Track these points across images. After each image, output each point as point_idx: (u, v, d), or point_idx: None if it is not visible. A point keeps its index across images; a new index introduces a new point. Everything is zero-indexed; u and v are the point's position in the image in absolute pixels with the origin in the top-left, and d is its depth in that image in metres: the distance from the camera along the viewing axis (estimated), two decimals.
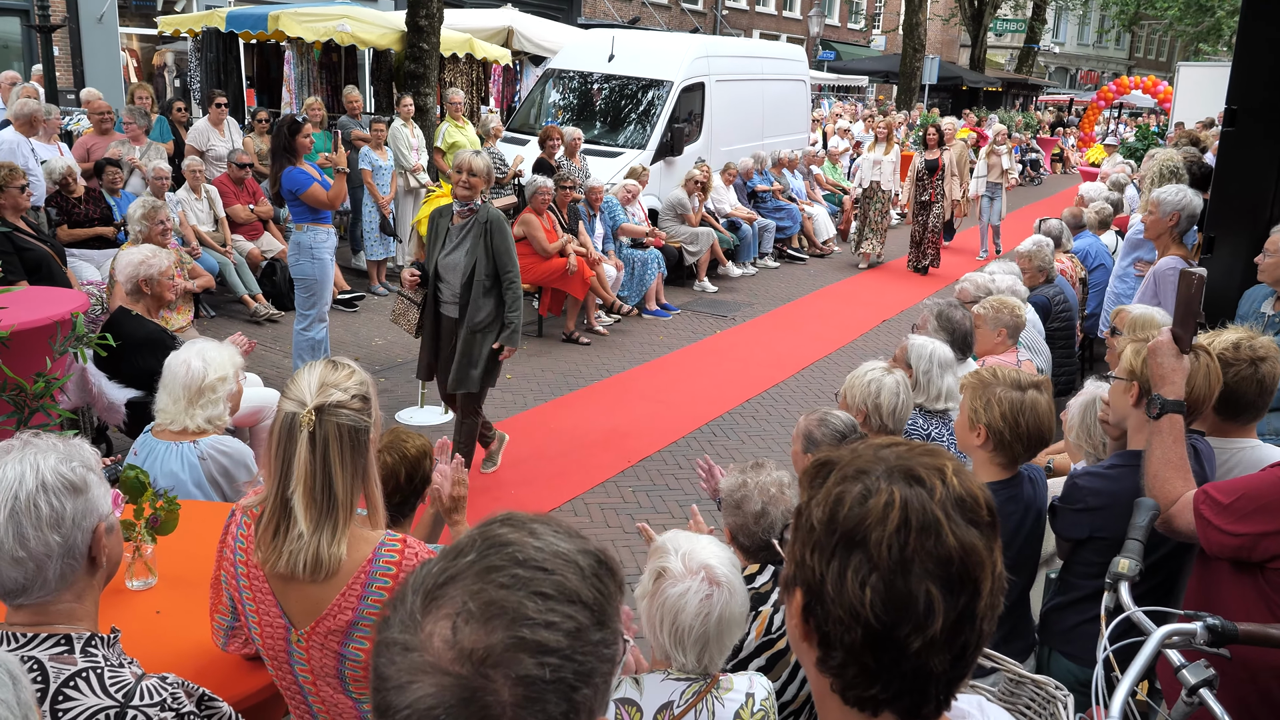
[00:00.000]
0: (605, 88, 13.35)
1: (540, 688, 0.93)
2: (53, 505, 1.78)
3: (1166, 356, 2.63)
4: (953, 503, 1.12)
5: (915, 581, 1.09)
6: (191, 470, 3.43)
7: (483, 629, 0.93)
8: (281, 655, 2.20)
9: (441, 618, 0.94)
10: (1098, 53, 58.49)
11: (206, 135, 10.60)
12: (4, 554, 1.76)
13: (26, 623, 1.83)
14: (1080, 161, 25.46)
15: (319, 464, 2.05)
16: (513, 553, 0.99)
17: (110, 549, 1.92)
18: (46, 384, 3.99)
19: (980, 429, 3.01)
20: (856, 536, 1.12)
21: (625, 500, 6.22)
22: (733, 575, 2.42)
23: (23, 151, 8.22)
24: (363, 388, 2.13)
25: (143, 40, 19.20)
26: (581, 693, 0.96)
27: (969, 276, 5.80)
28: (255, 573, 2.17)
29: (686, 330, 10.25)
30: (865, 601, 1.10)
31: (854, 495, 1.14)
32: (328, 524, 2.07)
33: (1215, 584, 2.54)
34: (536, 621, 0.94)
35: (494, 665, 0.92)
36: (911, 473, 1.15)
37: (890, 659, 1.12)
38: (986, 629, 1.14)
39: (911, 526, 1.10)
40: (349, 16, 12.29)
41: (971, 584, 1.11)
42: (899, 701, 1.15)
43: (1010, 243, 13.50)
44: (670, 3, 33.02)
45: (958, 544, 1.10)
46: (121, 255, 5.26)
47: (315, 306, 7.03)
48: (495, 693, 0.91)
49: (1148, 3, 34.69)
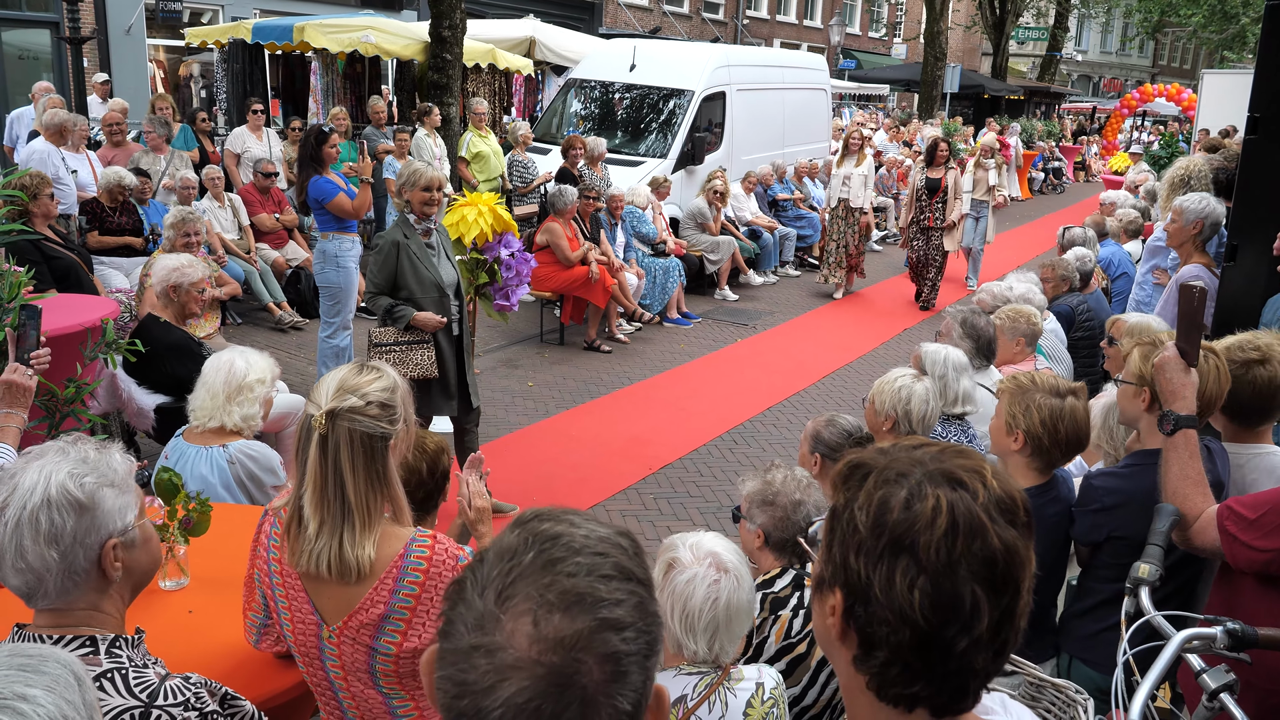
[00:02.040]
0: (627, 97, 13.41)
1: (625, 662, 0.97)
2: (53, 521, 1.79)
3: (1175, 372, 2.62)
4: (995, 505, 1.15)
5: (962, 583, 1.12)
6: (220, 474, 3.49)
7: (566, 617, 0.96)
8: (313, 651, 2.23)
9: (521, 614, 0.96)
10: (1121, 60, 58.16)
11: (243, 140, 10.74)
12: (6, 561, 1.80)
13: (49, 625, 1.86)
14: (1103, 170, 25.32)
15: (330, 468, 2.06)
16: (566, 543, 1.02)
17: (132, 561, 1.92)
18: (77, 389, 4.06)
19: (1018, 434, 3.01)
20: (905, 541, 1.14)
21: (646, 508, 6.24)
22: (739, 565, 2.48)
23: (54, 161, 8.34)
24: (385, 394, 2.11)
25: (169, 51, 19.42)
26: (653, 660, 1.01)
27: (986, 286, 5.81)
28: (288, 570, 2.20)
29: (707, 338, 10.27)
30: (914, 604, 1.12)
31: (899, 500, 1.16)
32: (345, 527, 2.07)
33: (1238, 595, 2.53)
34: (610, 601, 0.98)
35: (583, 648, 0.95)
36: (953, 476, 1.17)
37: (936, 659, 1.14)
38: (1023, 624, 1.17)
39: (959, 530, 1.13)
40: (373, 27, 12.40)
41: (1014, 584, 1.14)
42: (937, 698, 1.18)
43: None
44: (691, 12, 33.10)
45: (1002, 545, 1.14)
46: (159, 259, 5.31)
47: (340, 314, 7.10)
48: (588, 674, 0.95)
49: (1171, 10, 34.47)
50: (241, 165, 10.57)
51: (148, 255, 7.68)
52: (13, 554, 1.78)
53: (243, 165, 10.56)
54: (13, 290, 4.05)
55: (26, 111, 10.99)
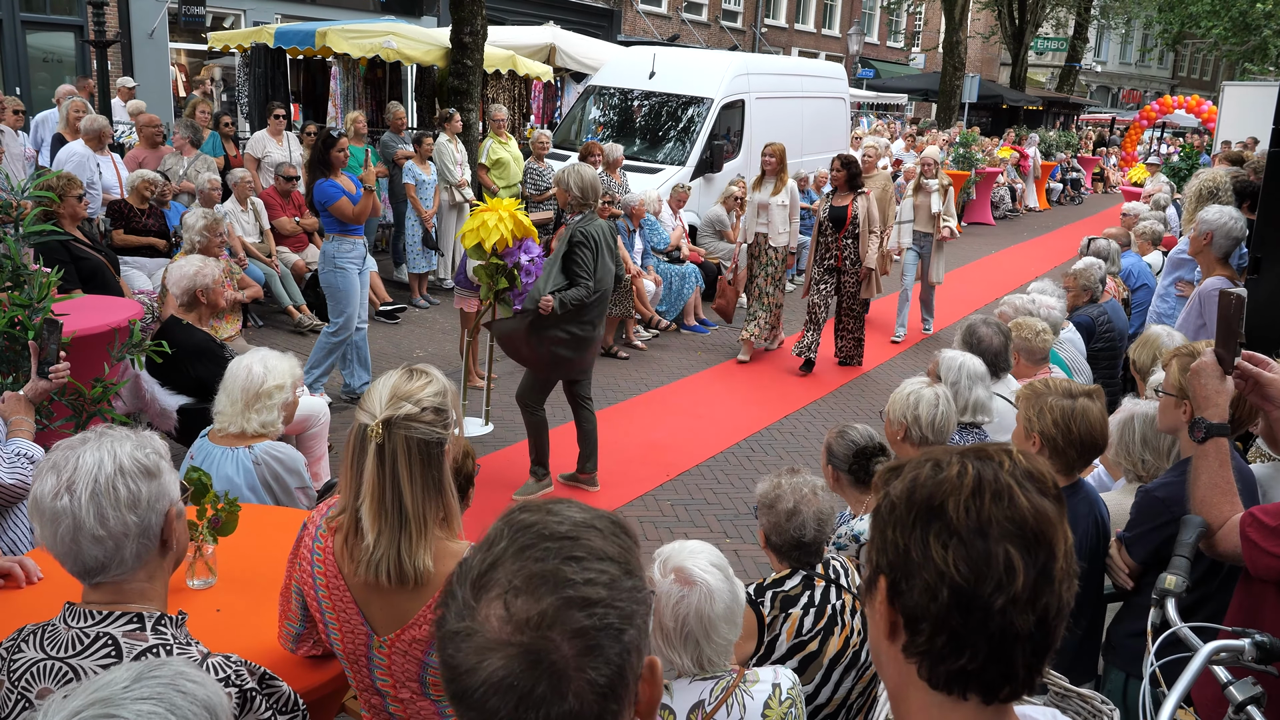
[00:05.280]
0: (646, 105, 13.45)
1: (594, 635, 1.04)
2: (130, 488, 1.88)
3: (1210, 379, 2.59)
4: (1022, 473, 1.20)
5: (994, 543, 1.16)
6: (246, 474, 3.51)
7: (532, 598, 1.03)
8: (362, 660, 2.23)
9: (493, 599, 1.04)
10: (1140, 72, 57.97)
11: (264, 144, 10.82)
12: (85, 533, 1.85)
13: (103, 601, 1.91)
14: (1122, 181, 25.22)
15: (387, 477, 2.05)
16: (539, 530, 1.09)
17: (179, 533, 2.01)
18: (104, 389, 4.11)
19: (1035, 437, 3.10)
20: (934, 503, 1.19)
21: (664, 514, 6.25)
22: (710, 575, 2.47)
23: (90, 166, 8.45)
24: (438, 399, 2.10)
25: (191, 55, 19.57)
26: (628, 634, 1.07)
27: (1008, 299, 5.74)
28: (335, 582, 2.19)
29: (725, 345, 10.27)
30: (950, 562, 1.16)
31: (927, 470, 1.23)
32: (402, 536, 2.07)
33: (1259, 604, 2.52)
34: (576, 581, 1.05)
35: (550, 626, 1.02)
36: (981, 452, 1.23)
37: (977, 620, 1.16)
38: (1066, 595, 1.19)
39: (985, 491, 1.18)
40: (394, 33, 12.47)
41: (1047, 544, 1.17)
42: (986, 674, 1.19)
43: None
44: (709, 20, 33.14)
45: (1030, 506, 1.18)
46: (174, 267, 5.40)
47: (343, 314, 7.26)
48: (558, 649, 1.02)
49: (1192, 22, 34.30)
50: (262, 169, 10.64)
51: (170, 258, 7.75)
52: (93, 523, 1.85)
53: (263, 169, 10.63)
54: (42, 290, 4.09)
55: (51, 115, 11.11)
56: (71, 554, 1.88)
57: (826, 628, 2.92)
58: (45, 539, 1.90)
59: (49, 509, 1.86)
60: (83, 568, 1.90)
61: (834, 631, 2.94)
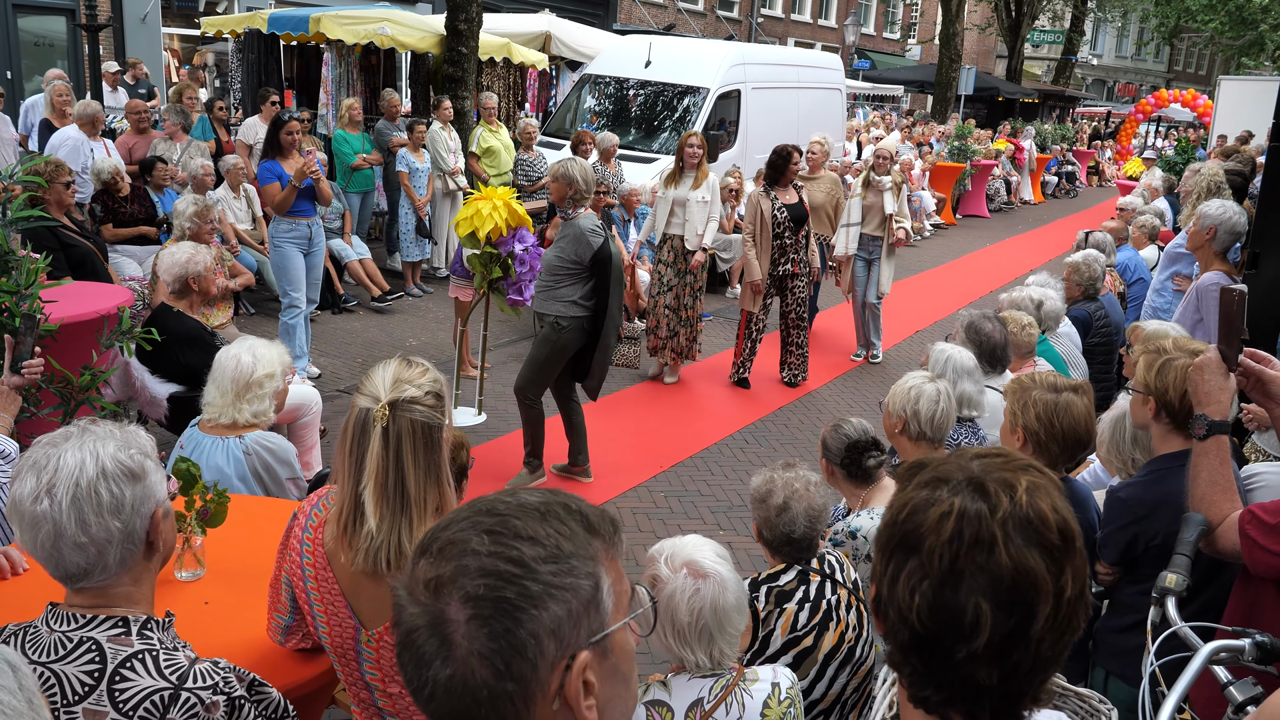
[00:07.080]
0: (641, 94, 13.40)
1: (484, 605, 1.04)
2: (113, 492, 1.81)
3: (1214, 375, 2.55)
4: (1015, 522, 1.12)
5: (965, 594, 1.10)
6: (236, 465, 3.48)
7: (436, 563, 1.08)
8: (350, 654, 2.21)
9: (414, 564, 1.11)
10: (1136, 65, 57.95)
11: (256, 130, 10.74)
12: (67, 539, 1.79)
13: (86, 604, 1.86)
14: (1117, 174, 25.23)
15: (392, 460, 2.05)
16: (483, 507, 1.12)
17: (166, 534, 1.95)
18: (93, 377, 4.06)
19: (1019, 431, 3.07)
20: (911, 541, 1.15)
21: (657, 505, 6.23)
22: (719, 566, 2.47)
23: (84, 151, 8.39)
24: (436, 385, 2.13)
25: (184, 40, 19.45)
26: (528, 614, 1.05)
27: (1015, 292, 5.69)
28: (324, 574, 2.18)
29: (719, 336, 10.24)
30: (913, 607, 1.12)
31: (917, 501, 1.17)
32: (403, 520, 2.07)
33: (1258, 602, 2.51)
34: (480, 553, 1.07)
35: (444, 588, 1.06)
36: (981, 486, 1.15)
37: (937, 664, 1.13)
38: (1047, 652, 1.13)
39: (964, 539, 1.11)
40: (389, 20, 12.39)
41: (1024, 605, 1.10)
42: (956, 706, 1.16)
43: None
44: (706, 9, 33.05)
45: (1011, 563, 1.10)
46: (165, 254, 5.34)
47: (286, 294, 7.43)
48: (448, 613, 1.05)
49: (1188, 15, 34.29)
50: (254, 155, 10.57)
51: (161, 244, 7.69)
52: (74, 529, 1.79)
53: (255, 155, 10.55)
54: (30, 276, 4.04)
55: (39, 100, 11.02)
56: (53, 559, 1.82)
57: (821, 623, 2.90)
58: (25, 543, 1.83)
59: (28, 513, 1.79)
60: (65, 573, 1.84)
61: (829, 627, 2.92)
